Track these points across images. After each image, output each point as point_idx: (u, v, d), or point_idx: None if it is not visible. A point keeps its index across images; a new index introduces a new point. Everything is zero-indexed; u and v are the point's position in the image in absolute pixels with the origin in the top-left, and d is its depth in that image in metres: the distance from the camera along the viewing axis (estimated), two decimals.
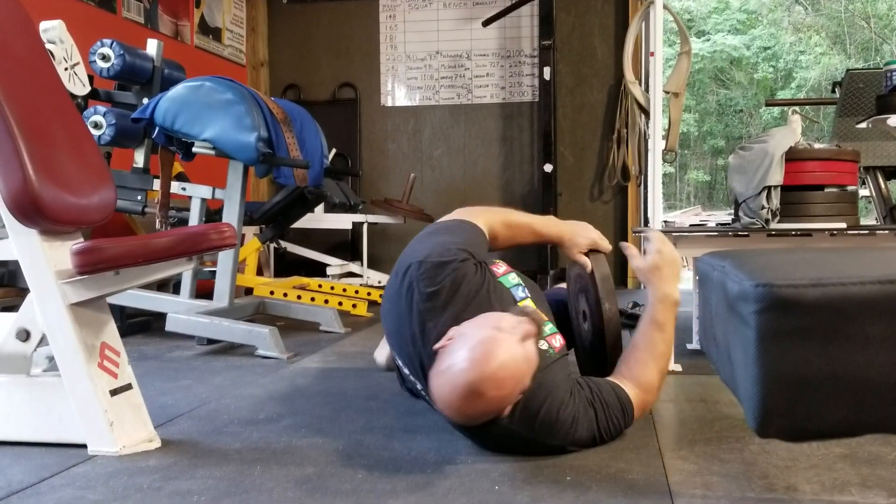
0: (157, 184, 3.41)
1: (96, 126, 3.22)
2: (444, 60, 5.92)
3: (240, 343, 3.14)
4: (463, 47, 5.90)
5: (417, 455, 1.71)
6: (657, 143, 2.86)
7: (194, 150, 3.16)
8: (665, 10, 2.79)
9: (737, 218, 2.88)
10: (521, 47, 5.82)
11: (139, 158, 3.44)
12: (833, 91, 4.38)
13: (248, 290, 4.33)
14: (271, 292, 4.07)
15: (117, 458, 1.71)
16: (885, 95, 3.00)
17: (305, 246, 5.38)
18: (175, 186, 3.47)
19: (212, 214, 3.64)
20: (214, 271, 3.43)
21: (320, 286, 4.59)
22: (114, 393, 1.78)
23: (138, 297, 3.32)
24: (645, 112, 3.04)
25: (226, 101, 3.04)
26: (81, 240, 1.80)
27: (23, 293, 3.41)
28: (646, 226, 3.30)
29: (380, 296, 4.66)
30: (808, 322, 0.63)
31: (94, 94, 3.44)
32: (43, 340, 1.79)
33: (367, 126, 6.02)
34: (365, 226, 5.28)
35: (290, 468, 1.64)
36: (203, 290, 3.55)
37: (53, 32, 3.04)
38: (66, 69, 3.10)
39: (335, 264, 5.26)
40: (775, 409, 0.65)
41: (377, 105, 6.02)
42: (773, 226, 2.65)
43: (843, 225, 2.69)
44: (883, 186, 3.98)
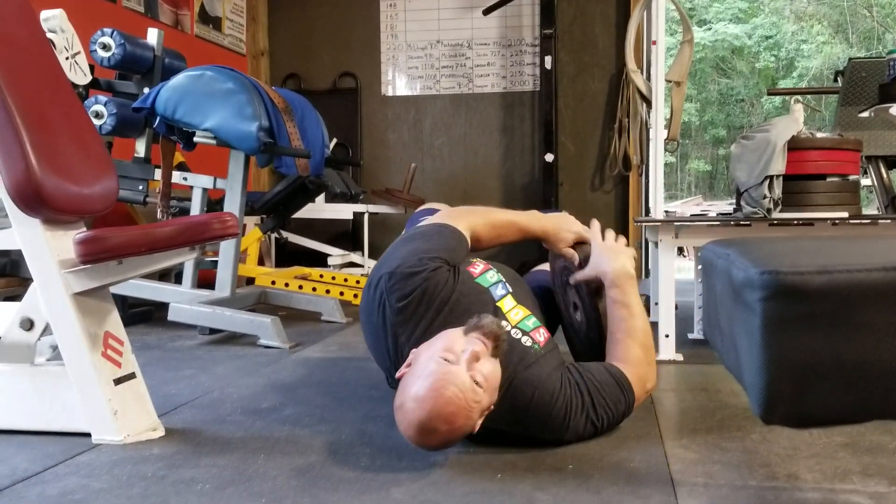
0: (158, 173, 3.41)
1: (97, 116, 3.22)
2: (445, 49, 5.90)
3: (242, 333, 3.15)
4: (464, 36, 5.88)
5: None
6: (659, 133, 2.85)
7: (195, 139, 3.16)
8: None
9: (738, 207, 2.87)
10: (522, 36, 5.80)
11: (140, 148, 3.44)
12: (835, 80, 4.36)
13: (250, 280, 4.33)
14: (273, 282, 4.07)
15: (121, 446, 1.72)
16: (888, 84, 2.99)
17: (306, 236, 5.37)
18: (176, 176, 3.47)
19: (213, 204, 3.65)
20: (216, 261, 3.44)
21: (321, 276, 4.59)
22: (117, 382, 1.79)
23: (140, 287, 3.33)
24: (647, 101, 3.04)
25: (227, 91, 3.04)
26: (84, 229, 1.80)
27: (25, 283, 3.42)
28: (647, 216, 3.30)
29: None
30: (814, 309, 0.63)
31: (95, 84, 3.43)
32: (46, 330, 1.80)
33: (368, 116, 6.01)
34: (366, 216, 5.27)
35: (294, 457, 1.64)
36: (204, 280, 3.56)
37: (54, 21, 3.03)
38: (67, 58, 3.09)
39: (336, 254, 5.26)
40: (780, 395, 0.65)
41: (378, 94, 6.01)
42: (775, 215, 2.65)
43: (845, 214, 2.69)
44: (885, 176, 3.98)
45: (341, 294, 4.12)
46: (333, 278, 4.61)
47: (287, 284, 4.07)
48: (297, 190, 4.00)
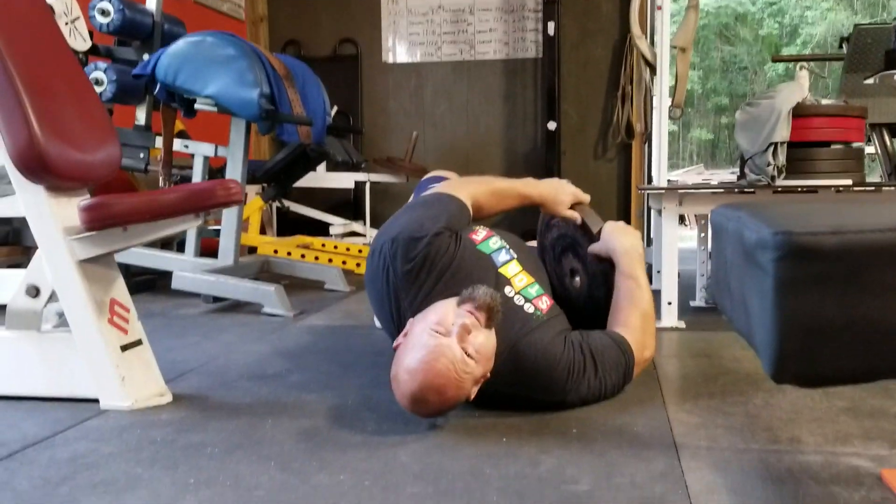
0: (159, 141, 3.39)
1: (97, 82, 3.20)
2: (447, 15, 5.84)
3: (246, 301, 3.16)
4: (465, 2, 5.81)
5: None
6: (663, 100, 2.84)
7: (196, 106, 3.14)
8: None
9: (742, 175, 2.87)
10: (524, 1, 5.73)
11: (141, 115, 3.42)
12: (840, 47, 4.33)
13: (252, 250, 4.33)
14: (275, 251, 4.08)
15: (129, 412, 1.73)
16: (894, 51, 2.97)
17: (307, 205, 5.36)
18: (177, 144, 3.46)
19: (214, 172, 3.64)
20: (218, 230, 3.44)
21: (323, 245, 4.60)
22: (124, 348, 1.80)
23: (144, 256, 3.33)
24: (651, 67, 3.02)
25: (227, 57, 3.02)
26: (88, 196, 1.80)
27: (28, 251, 3.42)
28: (649, 184, 3.30)
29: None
30: (827, 269, 0.63)
31: (94, 50, 3.40)
32: (52, 297, 1.80)
33: (369, 83, 5.97)
34: (367, 185, 5.26)
35: (301, 421, 1.66)
36: (206, 249, 3.56)
37: None
38: (66, 24, 3.06)
39: (338, 223, 5.25)
40: (792, 355, 0.65)
41: (378, 61, 5.96)
42: (779, 183, 2.65)
43: (848, 182, 2.69)
44: (888, 143, 3.96)
45: (344, 263, 4.13)
46: (335, 247, 4.62)
47: (289, 253, 4.08)
48: (298, 158, 3.98)
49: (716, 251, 0.92)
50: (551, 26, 5.46)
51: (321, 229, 5.21)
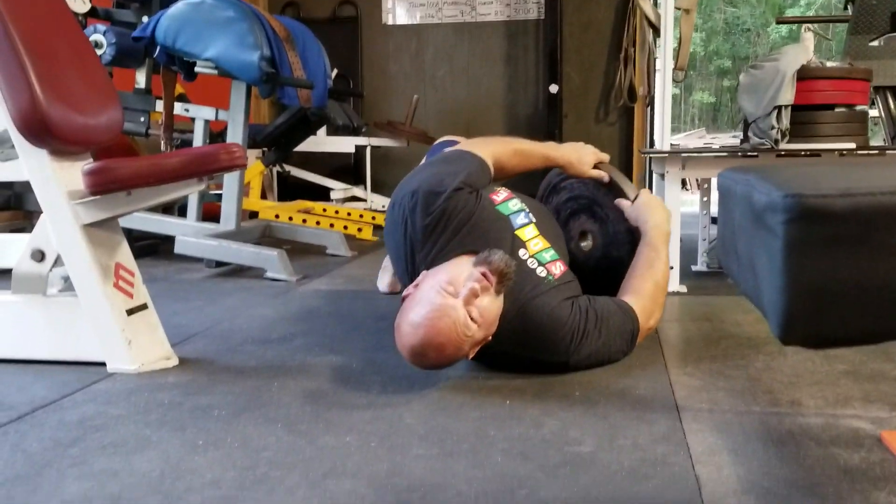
0: (159, 105, 3.37)
1: (96, 45, 3.16)
2: None
3: (248, 266, 3.16)
4: None
5: (430, 373, 1.74)
6: (667, 62, 2.82)
7: (196, 69, 3.12)
8: None
9: (745, 139, 2.86)
10: None
11: (141, 79, 3.39)
12: (845, 8, 4.27)
13: (253, 214, 4.33)
14: (277, 216, 4.07)
15: (136, 375, 1.75)
16: None
17: (308, 170, 5.35)
18: (178, 108, 3.44)
19: (214, 136, 3.62)
20: (219, 194, 3.43)
21: (325, 210, 4.59)
22: (130, 312, 1.81)
23: (146, 220, 3.33)
24: (655, 29, 2.99)
25: (227, 19, 2.99)
26: (91, 160, 1.79)
27: (30, 216, 3.42)
28: (652, 148, 3.28)
29: (384, 220, 4.69)
30: (837, 231, 0.64)
31: (93, 13, 3.37)
32: (57, 261, 1.81)
33: (369, 45, 5.91)
34: (368, 149, 5.24)
35: (307, 384, 1.67)
36: (208, 214, 3.56)
37: None
38: None
39: (339, 188, 5.24)
40: (800, 317, 0.66)
41: (378, 23, 5.90)
42: (783, 146, 2.64)
43: (852, 145, 2.67)
44: (893, 106, 3.94)
45: (345, 228, 4.14)
46: (337, 212, 4.62)
47: (291, 218, 4.08)
48: (299, 122, 3.96)
49: (723, 214, 0.92)
50: None
51: (322, 194, 5.20)
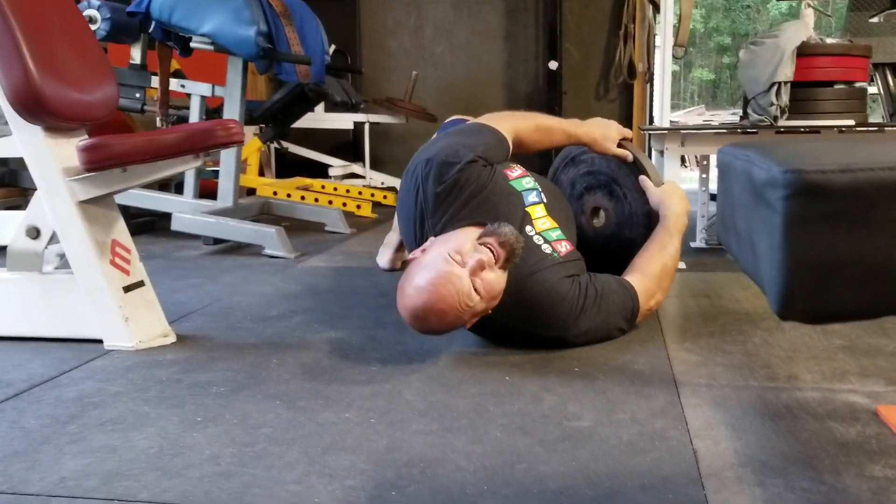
0: (155, 81, 3.35)
1: (91, 21, 3.13)
2: None
3: (246, 243, 3.16)
4: None
5: (429, 349, 1.75)
6: (667, 38, 2.80)
7: (192, 45, 3.09)
8: None
9: (745, 115, 2.84)
10: None
11: (136, 54, 3.36)
12: None
13: (251, 191, 4.32)
14: (274, 193, 4.06)
15: (134, 352, 1.75)
16: None
17: (306, 146, 5.32)
18: (174, 83, 3.41)
19: (211, 113, 3.59)
20: (216, 171, 3.42)
21: (323, 187, 4.58)
22: (127, 289, 1.80)
23: (143, 197, 3.32)
24: (655, 4, 2.97)
25: None
26: (86, 136, 1.78)
27: (25, 193, 3.41)
28: (651, 124, 3.27)
29: (383, 196, 4.68)
30: (836, 207, 0.64)
31: None
32: (53, 238, 1.80)
33: (367, 21, 5.86)
34: (367, 126, 5.21)
35: (306, 361, 1.68)
36: (205, 191, 3.54)
37: None
38: None
39: (337, 165, 5.22)
40: (799, 292, 0.66)
41: None
42: (782, 123, 2.63)
43: (851, 122, 2.66)
44: (892, 83, 3.91)
45: (344, 205, 4.12)
46: (335, 189, 4.60)
47: (289, 195, 4.06)
48: (297, 98, 3.94)
49: (722, 190, 0.92)
50: None
51: (320, 171, 5.18)
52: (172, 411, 1.39)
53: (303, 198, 4.08)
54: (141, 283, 1.87)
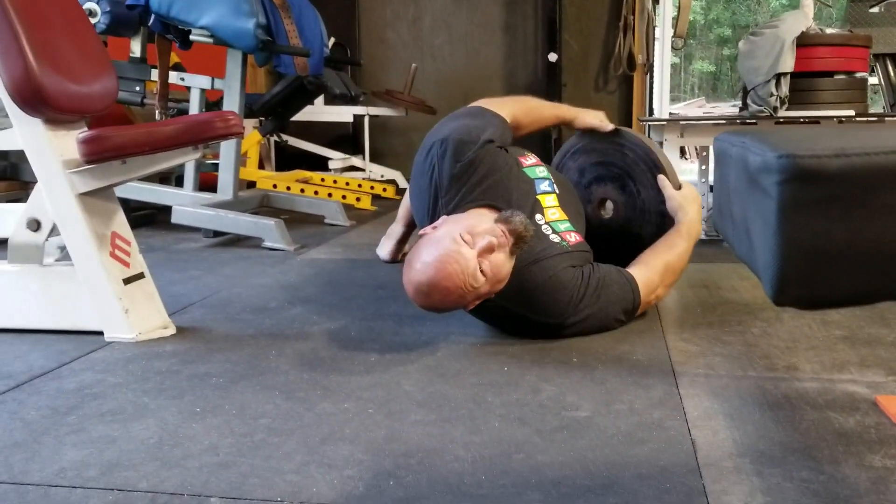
0: (154, 74, 3.35)
1: (90, 14, 3.13)
2: None
3: (246, 235, 3.16)
4: None
5: (428, 340, 1.75)
6: (666, 30, 2.80)
7: (192, 38, 3.08)
8: None
9: (745, 106, 2.84)
10: None
11: (135, 47, 3.36)
12: None
13: (251, 184, 4.31)
14: (274, 185, 4.06)
15: (134, 344, 1.75)
16: None
17: (306, 139, 5.32)
18: (173, 76, 3.41)
19: (211, 105, 3.59)
20: (216, 164, 3.41)
21: (323, 180, 4.58)
22: (127, 281, 1.81)
23: (143, 190, 3.32)
24: None
25: None
26: (86, 129, 1.78)
27: (26, 185, 3.41)
28: (650, 116, 3.27)
29: (383, 189, 4.68)
30: (830, 192, 0.64)
31: None
32: (53, 230, 1.81)
33: (366, 13, 5.85)
34: (366, 118, 5.20)
35: (304, 352, 1.68)
36: (205, 184, 3.54)
37: None
38: None
39: (337, 158, 5.22)
40: (793, 278, 0.66)
41: None
42: (782, 114, 2.62)
43: (851, 112, 2.66)
44: (892, 74, 3.91)
45: (344, 198, 4.12)
46: (335, 182, 4.60)
47: (289, 188, 4.06)
48: (296, 91, 3.93)
49: (719, 177, 0.92)
50: None
51: (320, 164, 5.18)
52: (172, 402, 1.39)
53: (302, 190, 4.08)
54: (141, 276, 1.87)
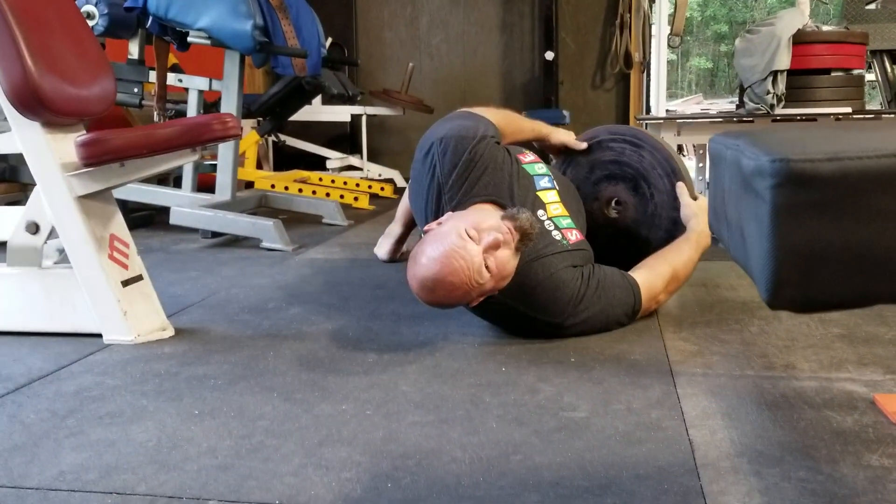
0: (152, 75, 3.35)
1: (88, 16, 3.13)
2: None
3: (244, 236, 3.16)
4: None
5: (425, 340, 1.75)
6: (662, 28, 2.80)
7: (189, 39, 3.09)
8: None
9: (741, 104, 2.84)
10: None
11: (133, 49, 3.36)
12: None
13: (249, 185, 4.32)
14: (272, 186, 4.06)
15: (133, 346, 1.76)
16: None
17: (304, 139, 5.32)
18: (171, 78, 3.41)
19: (209, 107, 3.59)
20: (214, 165, 3.42)
21: (321, 179, 4.58)
22: (125, 283, 1.81)
23: (141, 192, 3.32)
24: None
25: None
26: (84, 132, 1.78)
27: (25, 188, 3.41)
28: (647, 114, 3.27)
29: (380, 188, 4.68)
30: (824, 195, 0.64)
31: None
32: (52, 233, 1.81)
33: (363, 13, 5.85)
34: (364, 118, 5.21)
35: (303, 353, 1.68)
36: (203, 185, 3.54)
37: None
38: None
39: (335, 157, 5.22)
40: (787, 281, 0.66)
41: None
42: (778, 111, 2.63)
43: (848, 109, 2.67)
44: (889, 70, 3.92)
45: (342, 197, 4.12)
46: (333, 181, 4.60)
47: (287, 188, 4.07)
48: (294, 91, 3.93)
49: (713, 179, 0.92)
50: None
51: (318, 163, 5.18)
52: (170, 404, 1.39)
53: (300, 190, 4.08)
54: (139, 277, 1.87)
